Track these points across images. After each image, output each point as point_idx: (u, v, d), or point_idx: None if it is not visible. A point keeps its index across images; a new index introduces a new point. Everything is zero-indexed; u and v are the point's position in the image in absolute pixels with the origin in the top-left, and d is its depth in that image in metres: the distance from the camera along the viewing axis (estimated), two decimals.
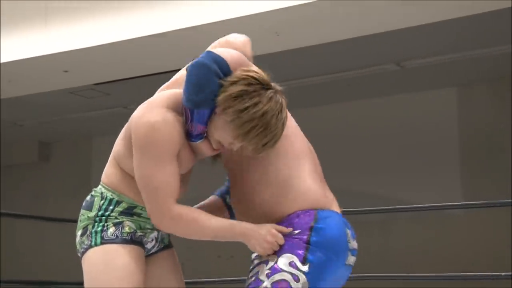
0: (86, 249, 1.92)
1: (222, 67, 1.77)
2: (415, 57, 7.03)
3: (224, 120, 1.76)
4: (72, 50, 6.02)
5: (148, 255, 2.02)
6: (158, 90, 2.00)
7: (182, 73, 1.93)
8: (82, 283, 2.11)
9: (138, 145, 1.83)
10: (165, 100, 1.86)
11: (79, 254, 1.96)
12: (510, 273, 4.37)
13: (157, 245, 2.03)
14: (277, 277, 1.74)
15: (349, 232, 1.87)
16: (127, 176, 1.92)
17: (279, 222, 1.84)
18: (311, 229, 1.78)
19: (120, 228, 1.91)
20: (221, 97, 1.74)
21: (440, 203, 5.49)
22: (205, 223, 1.82)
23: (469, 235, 7.21)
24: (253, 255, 1.87)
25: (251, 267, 1.87)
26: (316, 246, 1.76)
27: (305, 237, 1.77)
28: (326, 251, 1.76)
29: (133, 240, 1.92)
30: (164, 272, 2.06)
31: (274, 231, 1.76)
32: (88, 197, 2.00)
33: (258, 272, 1.80)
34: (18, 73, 6.50)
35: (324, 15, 5.41)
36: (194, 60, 1.80)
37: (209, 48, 1.95)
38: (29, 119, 9.33)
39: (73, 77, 6.75)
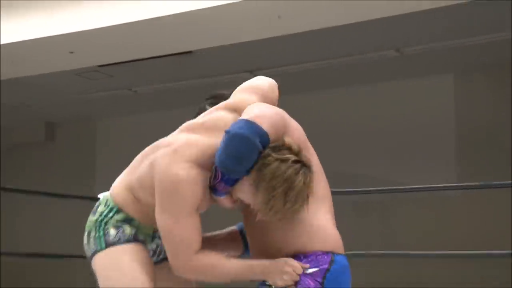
0: (93, 254, 1.99)
1: (263, 141, 1.79)
2: (414, 43, 7.10)
3: (252, 188, 1.82)
4: (77, 32, 6.00)
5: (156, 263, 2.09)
6: (182, 127, 2.00)
7: (210, 117, 1.95)
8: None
9: (161, 197, 1.87)
10: (193, 153, 1.87)
11: (88, 258, 2.03)
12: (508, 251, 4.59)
13: (156, 256, 2.10)
14: None
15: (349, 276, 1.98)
16: (139, 202, 1.98)
17: (297, 256, 1.89)
18: (328, 269, 1.85)
19: (121, 230, 1.98)
20: (255, 174, 1.79)
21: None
22: (224, 268, 1.88)
23: (465, 216, 7.42)
24: (264, 284, 1.91)
25: None
26: (329, 283, 1.83)
27: (320, 276, 1.84)
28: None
29: (135, 239, 1.99)
30: (167, 279, 2.09)
31: (291, 262, 1.82)
32: (97, 202, 2.07)
33: None
34: (23, 54, 6.51)
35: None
36: (237, 127, 1.80)
37: (239, 92, 2.00)
38: (36, 100, 9.32)
39: (78, 58, 6.72)
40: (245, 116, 1.84)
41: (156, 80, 8.44)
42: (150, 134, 2.32)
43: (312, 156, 1.95)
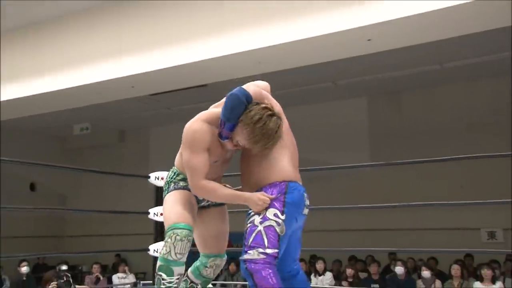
0: (163, 198, 2.50)
1: (247, 99, 2.22)
2: (348, 77, 9.24)
3: (243, 130, 2.23)
4: (137, 74, 7.32)
5: (204, 207, 2.54)
6: (211, 106, 2.46)
7: (223, 99, 2.34)
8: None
9: (184, 142, 2.34)
10: (206, 116, 2.35)
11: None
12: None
13: (206, 201, 2.53)
14: (267, 223, 2.20)
15: (305, 195, 2.35)
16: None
17: (265, 187, 2.28)
18: (285, 193, 2.24)
19: (177, 184, 2.49)
20: (243, 118, 2.21)
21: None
22: (221, 192, 2.31)
23: (374, 185, 9.66)
24: (250, 211, 2.30)
25: (247, 218, 2.29)
26: (288, 204, 2.25)
27: (282, 198, 2.24)
28: (292, 207, 2.27)
29: (185, 188, 2.46)
30: (211, 219, 2.55)
31: (262, 196, 2.23)
32: (169, 172, 2.56)
33: (253, 220, 2.25)
34: (102, 89, 7.94)
35: None
36: (231, 92, 2.24)
37: (245, 85, 2.38)
38: (113, 116, 11.79)
39: (137, 91, 8.38)
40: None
41: (185, 103, 10.18)
42: (180, 138, 2.52)
43: (285, 123, 2.35)
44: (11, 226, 11.03)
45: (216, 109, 2.37)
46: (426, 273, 6.88)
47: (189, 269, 2.65)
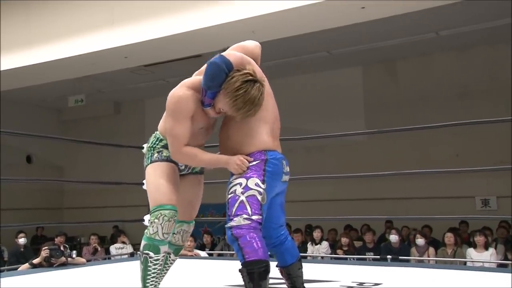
0: (145, 168, 2.49)
1: (228, 66, 2.20)
2: (342, 47, 9.21)
3: (225, 98, 2.23)
4: (132, 43, 7.45)
5: (183, 174, 2.54)
6: (194, 74, 2.42)
7: (205, 66, 2.32)
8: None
9: (167, 109, 2.34)
10: (190, 82, 2.33)
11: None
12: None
13: (187, 169, 2.54)
14: (249, 192, 2.23)
15: (284, 162, 2.37)
16: None
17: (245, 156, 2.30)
18: (265, 162, 2.28)
19: (161, 153, 2.45)
20: (225, 85, 2.21)
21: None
22: (202, 157, 2.34)
23: (372, 156, 9.75)
24: (231, 178, 2.32)
25: (228, 188, 2.30)
26: (268, 172, 2.27)
27: (262, 166, 2.27)
28: (271, 175, 2.29)
29: (168, 159, 2.43)
30: (188, 185, 2.56)
31: (241, 158, 2.27)
32: (151, 137, 2.52)
33: (235, 190, 2.26)
34: (98, 59, 8.03)
35: None
36: (211, 59, 2.23)
37: (230, 48, 2.40)
38: (108, 88, 11.87)
39: (132, 61, 8.56)
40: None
41: (180, 74, 10.11)
42: None
43: (267, 90, 2.33)
44: (9, 198, 11.10)
45: (199, 76, 2.34)
46: (420, 241, 6.96)
47: None
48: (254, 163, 2.27)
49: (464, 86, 9.62)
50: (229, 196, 2.25)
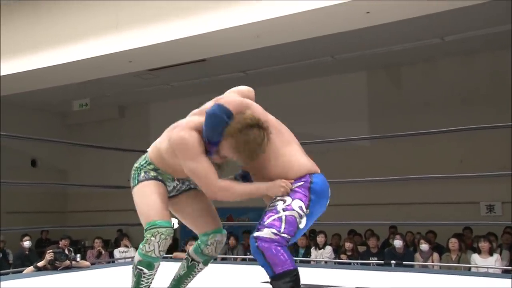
0: (132, 188, 2.47)
1: (228, 115, 2.20)
2: (345, 52, 9.17)
3: (226, 145, 2.23)
4: (134, 48, 7.40)
5: (175, 195, 2.53)
6: (191, 113, 2.43)
7: (205, 106, 2.36)
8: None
9: (179, 154, 2.29)
10: (193, 124, 2.31)
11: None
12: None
13: (175, 191, 2.53)
14: (289, 213, 2.19)
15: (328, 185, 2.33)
16: (162, 159, 2.41)
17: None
18: (310, 184, 2.24)
19: (147, 173, 2.45)
20: (226, 133, 2.19)
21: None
22: (242, 190, 2.28)
23: (376, 162, 9.71)
24: (273, 200, 2.27)
25: (271, 202, 2.27)
26: (314, 195, 2.24)
27: (307, 191, 2.23)
28: (318, 198, 2.26)
29: (156, 178, 2.44)
30: (190, 199, 2.54)
31: (285, 181, 2.24)
32: (140, 158, 2.50)
33: (277, 205, 2.23)
34: (103, 63, 7.98)
35: None
36: (211, 109, 2.23)
37: (227, 92, 2.42)
38: (112, 92, 11.83)
39: (135, 65, 8.43)
40: (218, 101, 2.28)
41: (184, 78, 10.31)
42: (180, 113, 2.57)
43: (271, 121, 2.32)
44: (14, 201, 11.12)
45: (197, 117, 2.35)
46: (424, 246, 6.94)
47: (191, 248, 2.65)
48: (298, 185, 2.25)
49: (468, 92, 9.59)
50: (269, 208, 2.23)
